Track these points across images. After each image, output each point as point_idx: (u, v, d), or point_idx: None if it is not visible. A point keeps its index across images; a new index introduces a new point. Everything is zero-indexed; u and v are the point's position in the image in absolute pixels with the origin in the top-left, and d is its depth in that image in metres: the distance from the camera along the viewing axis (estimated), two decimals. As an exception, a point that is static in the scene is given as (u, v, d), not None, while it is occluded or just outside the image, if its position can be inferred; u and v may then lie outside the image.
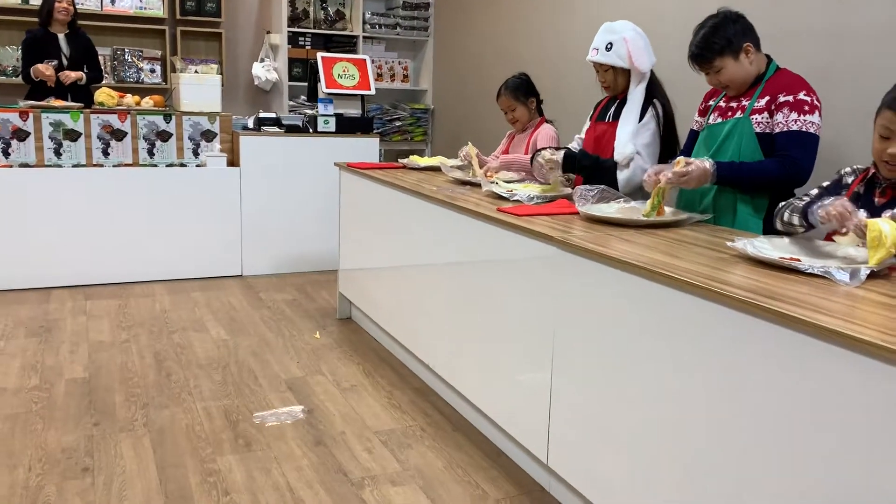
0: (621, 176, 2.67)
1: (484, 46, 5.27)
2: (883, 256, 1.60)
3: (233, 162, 4.64)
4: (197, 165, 4.60)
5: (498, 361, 2.42)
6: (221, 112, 4.68)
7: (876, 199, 1.89)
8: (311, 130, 4.76)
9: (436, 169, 3.57)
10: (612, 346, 1.88)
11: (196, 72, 5.22)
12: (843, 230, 1.73)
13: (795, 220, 1.92)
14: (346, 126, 4.79)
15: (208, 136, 4.64)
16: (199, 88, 4.64)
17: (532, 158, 2.89)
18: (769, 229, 2.14)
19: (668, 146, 2.70)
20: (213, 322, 3.79)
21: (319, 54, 4.76)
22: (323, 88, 4.68)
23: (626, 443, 1.84)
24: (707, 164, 2.18)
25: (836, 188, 2.01)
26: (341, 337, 3.63)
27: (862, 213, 1.69)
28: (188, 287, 4.42)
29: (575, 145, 2.97)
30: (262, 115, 4.78)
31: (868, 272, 1.61)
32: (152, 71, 5.67)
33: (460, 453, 2.48)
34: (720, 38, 2.27)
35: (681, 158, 2.21)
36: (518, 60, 4.76)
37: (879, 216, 1.80)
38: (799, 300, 1.46)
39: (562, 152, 2.77)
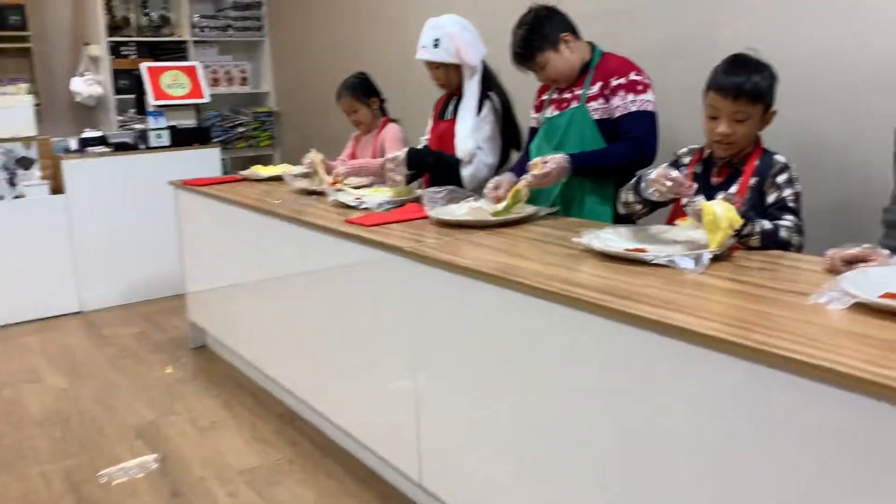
0: (465, 172, 2.62)
1: (324, 43, 5.09)
2: (721, 238, 1.61)
3: (57, 189, 4.22)
4: (15, 197, 4.14)
5: (361, 380, 2.30)
6: (38, 135, 4.23)
7: (713, 179, 1.92)
8: (142, 147, 4.41)
9: (280, 179, 3.37)
10: (475, 356, 1.81)
11: (2, 93, 4.70)
12: (677, 196, 1.76)
13: (631, 197, 1.93)
14: (182, 138, 4.47)
15: (25, 163, 4.18)
16: (8, 112, 4.17)
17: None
18: (618, 216, 2.14)
19: (509, 138, 2.68)
20: (49, 370, 3.42)
21: (143, 64, 4.41)
22: (151, 100, 4.35)
23: (496, 453, 1.78)
24: (561, 158, 2.16)
25: (673, 168, 2.02)
26: (196, 368, 3.38)
27: (699, 198, 1.70)
28: (19, 332, 3.98)
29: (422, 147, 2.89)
30: (85, 134, 4.38)
31: (711, 256, 1.61)
32: (-48, 94, 5.06)
33: (331, 482, 2.34)
34: (537, 36, 2.27)
35: (537, 160, 2.17)
36: (360, 56, 4.62)
37: (716, 197, 1.83)
38: (647, 295, 1.43)
39: (404, 150, 2.67)
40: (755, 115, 1.81)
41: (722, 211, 1.60)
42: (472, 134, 2.61)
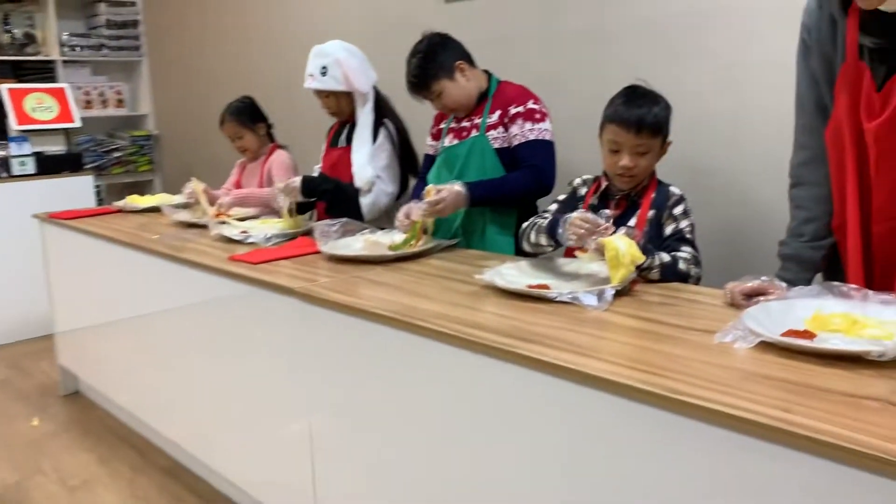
0: (364, 201, 2.52)
1: (208, 64, 4.86)
2: (624, 275, 1.58)
3: None
4: None
5: (252, 428, 2.14)
6: None
7: (611, 212, 1.90)
8: (4, 175, 4.04)
9: (158, 210, 3.15)
10: (374, 401, 1.70)
11: None
12: (590, 243, 1.71)
13: (543, 240, 1.87)
14: (50, 165, 4.13)
15: None
16: None
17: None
18: (520, 247, 2.10)
19: (407, 165, 2.61)
20: None
21: (3, 86, 4.05)
22: (14, 125, 3.99)
23: (397, 501, 1.68)
24: (458, 186, 2.10)
25: (571, 201, 2.00)
26: (68, 419, 3.08)
27: (608, 227, 1.67)
28: None
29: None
30: (-64, 162, 3.97)
31: (613, 292, 1.58)
32: None
33: (221, 541, 2.16)
34: (432, 64, 2.23)
35: (430, 187, 2.10)
36: (247, 78, 4.43)
37: (616, 230, 1.81)
38: (551, 337, 1.38)
39: (299, 178, 2.54)
40: (655, 147, 1.81)
41: (625, 247, 1.57)
42: (369, 162, 2.52)
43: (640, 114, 1.78)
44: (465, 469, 1.50)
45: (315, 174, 2.76)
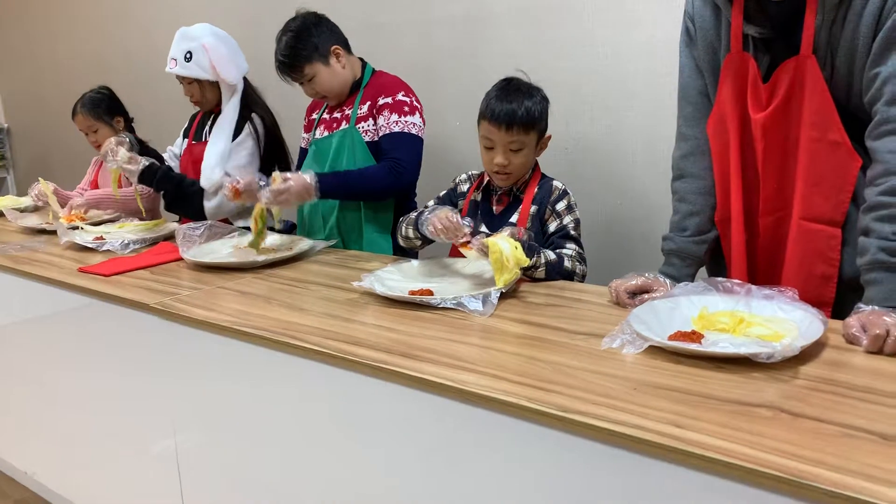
0: (208, 205, 2.31)
1: (63, 50, 4.45)
2: (508, 278, 1.51)
3: None
4: None
5: (113, 456, 1.93)
6: None
7: (494, 208, 1.82)
8: None
9: (2, 215, 2.83)
10: (244, 420, 1.55)
11: None
12: (459, 241, 1.62)
13: (411, 232, 1.78)
14: None
15: None
16: None
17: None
18: (399, 246, 1.98)
19: (276, 161, 2.40)
20: None
21: None
22: None
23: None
24: (307, 177, 1.94)
25: (451, 196, 1.91)
26: None
27: (466, 236, 1.59)
28: None
29: (168, 160, 2.55)
30: None
31: (499, 294, 1.50)
32: None
33: (85, 583, 1.95)
34: (306, 45, 2.06)
35: (276, 174, 1.94)
36: (105, 65, 4.08)
37: (499, 226, 1.73)
38: (434, 351, 1.28)
39: (141, 162, 2.29)
40: (530, 143, 1.72)
41: (509, 250, 1.49)
42: (220, 162, 2.30)
43: (511, 109, 1.69)
44: (339, 484, 1.38)
45: (171, 153, 2.54)
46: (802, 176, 1.38)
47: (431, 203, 1.90)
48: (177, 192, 2.31)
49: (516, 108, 1.68)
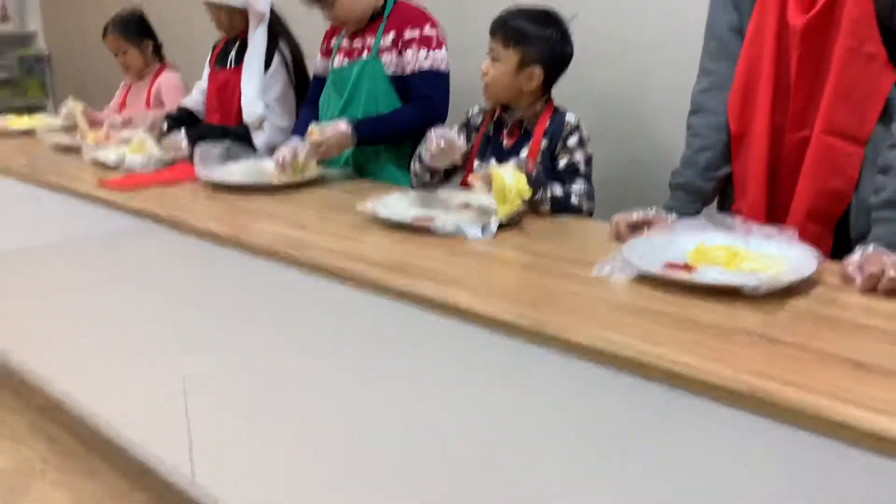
0: (258, 141, 2.33)
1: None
2: (509, 210, 1.51)
3: None
4: None
5: (127, 366, 2.00)
6: None
7: (505, 142, 1.81)
8: None
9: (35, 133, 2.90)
10: (247, 339, 1.60)
11: None
12: (450, 161, 1.67)
13: (418, 167, 1.78)
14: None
15: None
16: None
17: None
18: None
19: (303, 94, 2.42)
20: None
21: None
22: None
23: (272, 444, 1.59)
24: (343, 126, 1.95)
25: (465, 129, 1.90)
26: (-64, 356, 2.86)
27: (490, 161, 1.60)
28: None
29: (196, 97, 2.56)
30: None
31: (498, 223, 1.51)
32: None
33: (93, 482, 2.05)
34: None
35: (314, 128, 1.95)
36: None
37: (508, 160, 1.73)
38: (431, 270, 1.30)
39: (182, 133, 2.25)
40: (507, 60, 1.69)
41: (512, 181, 1.50)
42: (259, 95, 2.33)
43: (502, 18, 1.71)
44: (341, 405, 1.42)
45: (194, 95, 2.56)
46: (831, 87, 1.34)
47: (435, 131, 1.89)
48: (225, 138, 2.32)
49: (507, 19, 1.70)
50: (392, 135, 2.06)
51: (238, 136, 2.29)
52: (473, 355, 1.17)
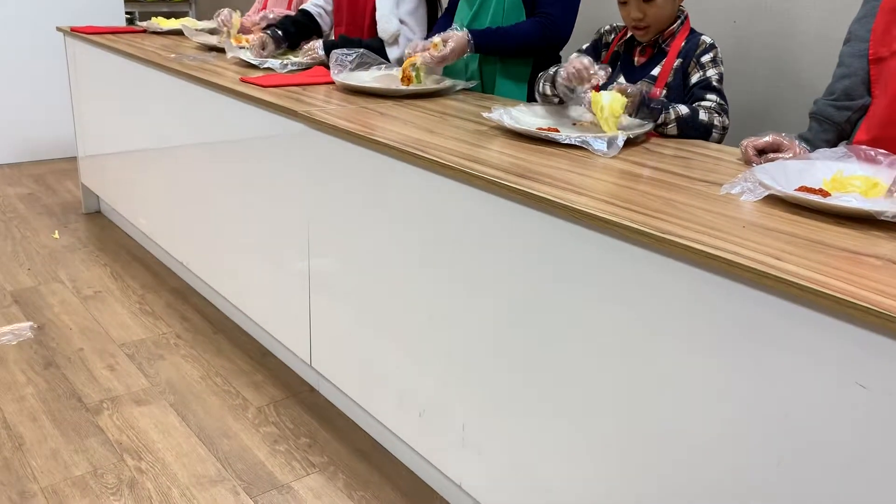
0: (392, 54, 2.38)
1: None
2: (606, 128, 1.51)
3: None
4: None
5: (257, 257, 2.15)
6: None
7: (636, 59, 1.78)
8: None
9: (181, 33, 3.06)
10: (369, 234, 1.68)
11: None
12: (587, 87, 1.62)
13: (548, 89, 1.77)
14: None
15: None
16: None
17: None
18: (533, 98, 1.99)
19: (434, 7, 2.43)
20: (-79, 228, 3.14)
21: None
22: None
23: (386, 336, 1.68)
24: (463, 34, 1.98)
25: (595, 49, 1.87)
26: (87, 235, 3.15)
27: (596, 75, 1.58)
28: None
29: (321, 2, 2.62)
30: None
31: (624, 140, 1.49)
32: None
33: (221, 359, 2.23)
34: None
35: (436, 39, 1.98)
36: None
37: (639, 78, 1.71)
38: (551, 177, 1.31)
39: (319, 42, 2.38)
40: None
41: (609, 100, 1.49)
42: (393, 10, 2.36)
43: None
44: (453, 301, 1.48)
45: (320, 10, 2.62)
46: None
47: (574, 55, 1.88)
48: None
49: None
50: (508, 47, 2.05)
51: (370, 48, 2.35)
52: (597, 263, 1.19)
